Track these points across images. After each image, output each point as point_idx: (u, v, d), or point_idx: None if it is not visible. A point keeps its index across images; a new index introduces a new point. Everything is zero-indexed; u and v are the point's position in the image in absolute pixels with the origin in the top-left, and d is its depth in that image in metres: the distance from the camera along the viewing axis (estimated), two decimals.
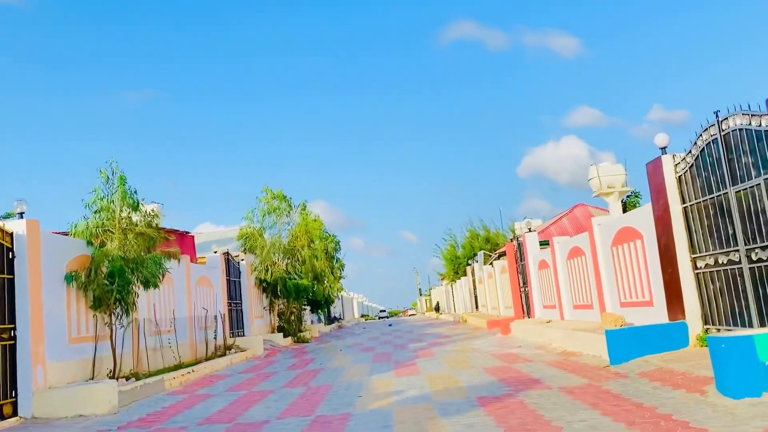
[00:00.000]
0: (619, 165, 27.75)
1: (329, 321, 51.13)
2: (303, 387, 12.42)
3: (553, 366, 11.68)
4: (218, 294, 21.62)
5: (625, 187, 27.46)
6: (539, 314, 21.80)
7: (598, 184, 27.22)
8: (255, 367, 17.48)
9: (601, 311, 14.71)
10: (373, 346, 23.26)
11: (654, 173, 11.06)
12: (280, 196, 29.94)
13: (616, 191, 27.09)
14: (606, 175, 27.26)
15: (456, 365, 13.61)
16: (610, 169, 27.43)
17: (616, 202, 27.24)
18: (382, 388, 11.16)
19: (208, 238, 33.27)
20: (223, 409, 10.38)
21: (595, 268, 14.90)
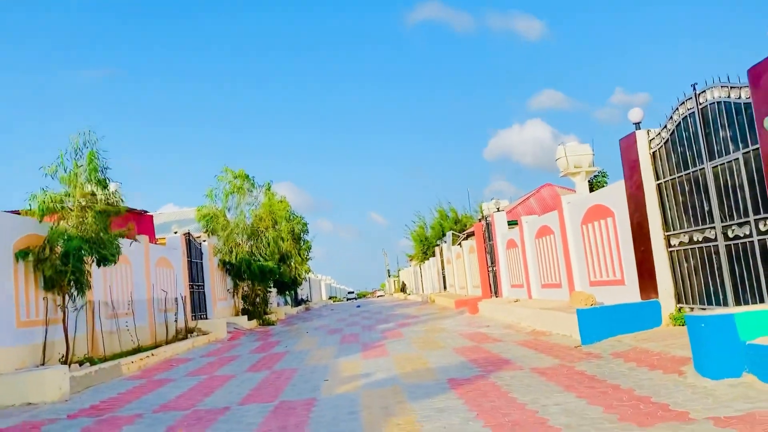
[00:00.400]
0: (586, 145, 27.70)
1: (296, 303, 50.62)
2: (267, 371, 11.98)
3: (523, 346, 11.44)
4: (179, 276, 20.94)
5: (592, 166, 27.44)
6: (507, 293, 21.67)
7: (565, 163, 27.13)
8: (217, 351, 16.95)
9: (570, 290, 14.53)
10: (340, 327, 22.89)
11: (627, 149, 10.80)
12: (242, 176, 29.16)
13: (583, 171, 27.05)
14: (573, 154, 27.17)
15: (425, 346, 13.31)
16: (577, 149, 27.35)
17: (583, 182, 27.21)
18: (349, 371, 10.78)
19: (169, 218, 32.34)
20: (181, 395, 9.88)
21: (564, 246, 14.70)
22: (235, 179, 28.97)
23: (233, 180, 28.94)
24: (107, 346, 14.00)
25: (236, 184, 28.93)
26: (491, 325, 16.47)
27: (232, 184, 28.81)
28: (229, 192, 28.84)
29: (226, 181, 28.88)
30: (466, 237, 35.11)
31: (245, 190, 29.03)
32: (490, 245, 23.85)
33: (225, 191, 28.78)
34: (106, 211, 12.67)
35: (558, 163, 27.63)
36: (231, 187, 28.83)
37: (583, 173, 26.99)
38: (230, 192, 28.83)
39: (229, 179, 28.90)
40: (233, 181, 28.90)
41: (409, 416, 6.73)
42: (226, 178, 28.96)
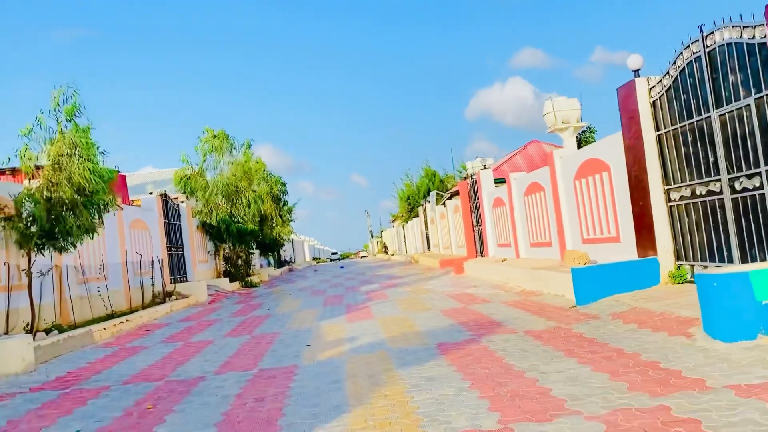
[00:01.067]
0: (574, 99, 27.01)
1: (279, 264, 50.10)
2: (247, 336, 11.42)
3: (513, 307, 10.97)
4: (155, 238, 20.20)
5: (580, 122, 26.81)
6: (493, 253, 21.23)
7: (552, 119, 26.46)
8: (196, 315, 16.37)
9: (561, 249, 14.06)
10: (323, 289, 22.39)
11: (626, 98, 10.17)
12: (222, 136, 28.26)
13: (571, 126, 26.42)
14: (561, 109, 26.50)
15: (411, 307, 12.82)
16: (565, 104, 26.68)
17: (571, 138, 26.61)
18: (332, 335, 10.25)
19: (146, 179, 31.39)
20: (154, 364, 9.30)
21: (556, 203, 14.16)
22: (215, 139, 28.07)
23: (212, 140, 28.04)
24: (78, 313, 13.35)
25: (215, 143, 28.03)
26: (478, 285, 16.02)
27: (210, 143, 27.91)
28: (207, 151, 27.96)
29: (206, 141, 27.99)
30: (450, 196, 34.57)
31: (224, 150, 28.15)
32: (475, 204, 23.32)
33: (203, 150, 27.89)
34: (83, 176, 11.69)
35: (545, 119, 26.97)
36: (209, 146, 27.93)
37: (571, 129, 26.37)
38: (208, 151, 27.95)
39: (209, 138, 28.01)
40: (212, 141, 27.99)
41: (398, 386, 6.20)
42: (206, 138, 28.08)
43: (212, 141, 27.89)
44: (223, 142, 28.08)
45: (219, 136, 28.07)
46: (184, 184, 26.66)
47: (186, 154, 27.45)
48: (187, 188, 26.78)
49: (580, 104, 27.07)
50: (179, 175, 26.92)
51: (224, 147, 28.14)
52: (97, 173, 11.53)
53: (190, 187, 26.88)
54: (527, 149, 28.99)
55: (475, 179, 22.84)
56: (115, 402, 6.95)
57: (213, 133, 28.04)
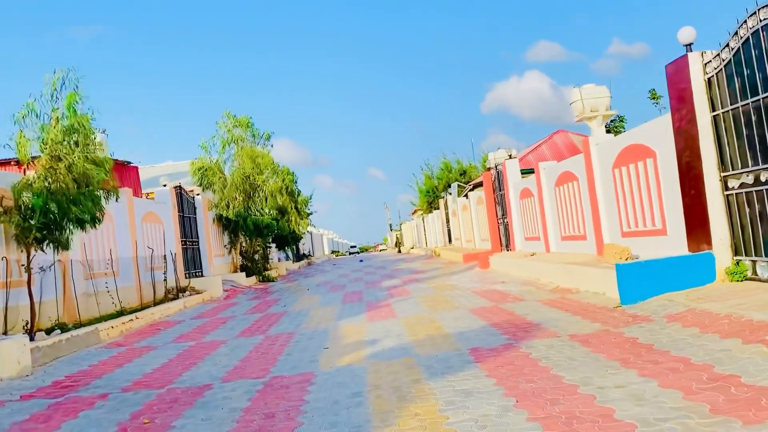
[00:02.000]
0: (603, 87, 25.85)
1: (298, 258, 49.47)
2: (260, 336, 10.65)
3: (550, 306, 10.06)
4: (169, 231, 19.53)
5: (609, 110, 25.71)
6: (520, 247, 20.27)
7: (580, 107, 25.35)
8: (210, 312, 15.66)
9: (597, 242, 13.09)
10: (343, 284, 21.61)
11: (676, 76, 9.17)
12: (244, 123, 27.39)
13: (600, 115, 25.29)
14: (589, 97, 25.37)
15: (436, 306, 11.96)
16: (594, 91, 25.53)
17: (600, 127, 25.48)
18: (352, 337, 9.43)
19: (163, 171, 30.79)
20: (160, 368, 8.56)
21: (591, 194, 13.18)
22: (235, 128, 27.26)
23: (233, 129, 27.26)
24: (84, 311, 12.67)
25: (235, 134, 27.27)
26: (507, 281, 15.11)
27: (230, 132, 27.15)
28: (226, 141, 27.21)
29: (225, 128, 27.18)
30: (473, 188, 33.56)
31: (245, 140, 27.37)
32: (500, 195, 22.35)
33: (222, 141, 27.15)
34: (85, 165, 10.94)
35: (573, 107, 25.86)
36: (229, 136, 27.18)
37: (600, 117, 25.25)
38: (228, 142, 27.21)
39: (229, 126, 27.17)
40: (232, 131, 27.23)
41: (429, 402, 5.35)
42: (225, 125, 27.23)
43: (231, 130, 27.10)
44: (245, 130, 27.27)
45: (241, 123, 27.26)
46: (201, 176, 25.98)
47: (206, 142, 26.72)
48: (204, 180, 26.10)
49: (610, 92, 25.96)
50: (196, 165, 26.22)
51: (245, 137, 27.36)
52: (98, 162, 10.78)
53: (207, 179, 26.20)
54: (553, 139, 27.91)
55: (500, 169, 21.86)
56: (110, 414, 6.20)
57: (235, 120, 27.21)
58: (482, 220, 26.93)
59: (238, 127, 27.19)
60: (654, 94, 26.05)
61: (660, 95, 25.76)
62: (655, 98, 25.93)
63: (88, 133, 10.98)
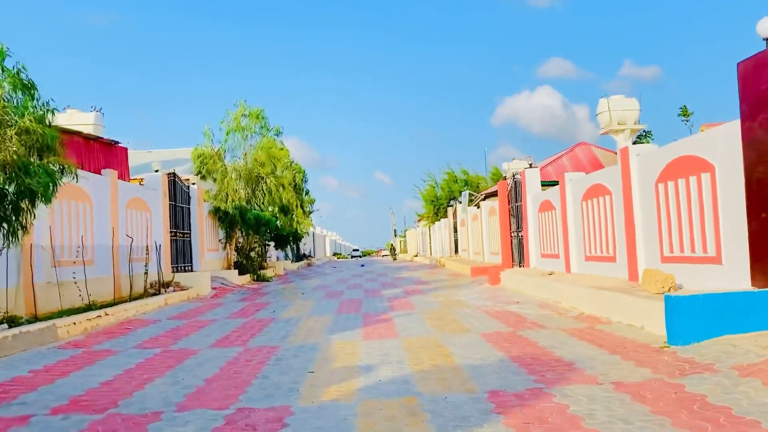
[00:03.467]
0: (633, 99, 24.41)
1: (298, 258, 48.04)
2: (239, 348, 9.17)
3: (579, 338, 8.54)
4: (157, 221, 18.09)
5: (637, 124, 24.24)
6: (535, 264, 18.74)
7: (607, 119, 23.88)
8: (192, 312, 14.19)
9: (630, 266, 11.57)
10: (340, 290, 20.11)
11: (752, 75, 7.67)
12: (255, 115, 26.04)
13: (628, 129, 23.83)
14: (617, 108, 23.92)
15: (443, 326, 10.45)
16: (623, 103, 24.08)
17: (626, 142, 24.00)
18: (343, 359, 7.93)
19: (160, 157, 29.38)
20: (110, 381, 7.09)
21: (627, 211, 11.66)
22: (243, 117, 25.92)
23: (240, 118, 25.92)
24: (45, 303, 11.23)
25: (241, 123, 25.93)
26: (521, 301, 13.59)
27: (236, 120, 25.79)
28: (231, 130, 25.83)
29: (233, 117, 25.86)
30: (485, 197, 32.06)
31: (252, 130, 26.01)
32: (516, 207, 20.84)
33: (227, 128, 25.79)
34: (34, 132, 9.41)
35: (599, 119, 24.39)
36: (234, 124, 25.81)
37: (628, 131, 23.78)
38: (232, 130, 25.83)
39: (237, 116, 25.84)
40: (239, 120, 25.88)
41: None
42: (234, 114, 25.91)
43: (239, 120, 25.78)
44: (255, 121, 25.94)
45: (252, 115, 25.94)
46: (200, 164, 24.59)
47: (210, 129, 25.39)
48: (203, 168, 24.72)
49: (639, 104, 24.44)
50: (197, 152, 24.85)
51: (252, 128, 26.00)
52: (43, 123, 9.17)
53: (206, 168, 24.81)
54: (575, 151, 26.41)
55: (518, 179, 20.35)
56: None
57: (245, 110, 25.89)
58: (494, 232, 25.41)
59: (246, 118, 25.82)
60: (685, 111, 24.56)
61: (691, 112, 24.26)
62: (686, 115, 24.43)
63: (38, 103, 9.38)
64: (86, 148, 14.40)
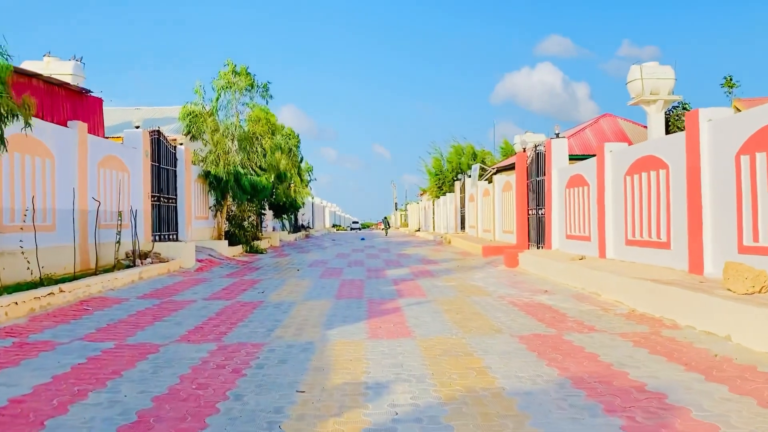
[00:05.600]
0: (668, 67, 22.23)
1: (295, 229, 46.11)
2: (212, 345, 7.25)
3: (649, 349, 6.59)
4: (136, 183, 16.08)
5: (671, 94, 22.10)
6: (558, 245, 16.80)
7: (639, 87, 21.69)
8: (167, 289, 12.28)
9: (691, 255, 9.60)
10: (340, 267, 18.19)
11: None
12: (243, 73, 23.95)
13: (661, 99, 21.64)
14: (651, 77, 21.72)
15: (465, 322, 8.53)
16: (657, 71, 21.85)
17: (659, 113, 21.86)
18: (344, 371, 6.00)
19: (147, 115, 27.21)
20: (23, 398, 5.18)
21: (692, 188, 9.64)
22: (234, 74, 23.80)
23: (231, 75, 23.79)
24: None
25: (233, 80, 23.80)
26: (550, 290, 11.68)
27: (226, 78, 23.65)
28: (222, 87, 23.69)
29: (223, 76, 23.77)
30: (497, 171, 30.01)
31: (242, 87, 23.89)
32: (536, 182, 18.83)
33: (218, 86, 23.66)
34: None
35: (629, 88, 22.21)
36: (225, 82, 23.66)
37: (660, 102, 21.60)
38: (223, 87, 23.68)
39: (227, 74, 23.77)
40: (229, 76, 23.74)
41: None
42: (224, 73, 23.84)
43: (229, 77, 23.64)
44: (243, 78, 23.82)
45: (241, 72, 23.81)
46: (190, 123, 22.49)
47: (201, 85, 23.27)
48: (193, 127, 22.61)
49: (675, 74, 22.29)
50: (186, 110, 22.73)
51: (243, 85, 23.87)
52: None
53: (197, 126, 22.71)
54: (599, 123, 24.29)
55: (541, 150, 18.30)
56: None
57: (234, 68, 23.76)
58: (508, 209, 23.42)
59: (236, 75, 23.69)
60: (729, 81, 22.43)
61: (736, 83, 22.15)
62: (730, 86, 22.29)
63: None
64: (49, 95, 12.34)
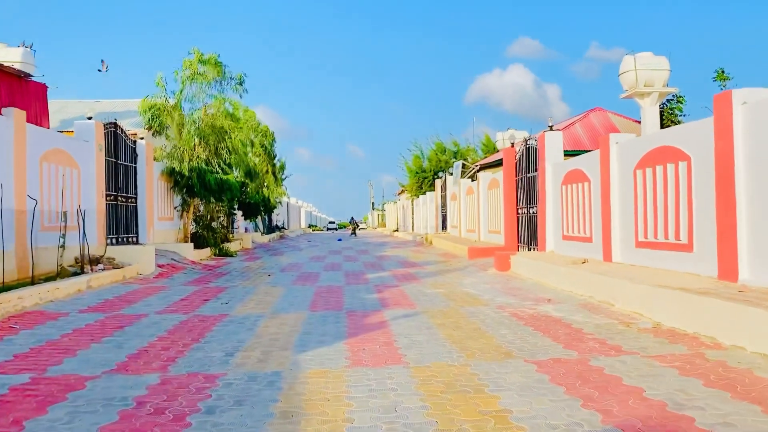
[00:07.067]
0: (662, 58, 21.13)
1: (269, 230, 44.45)
2: (153, 378, 5.76)
3: (702, 379, 5.28)
4: (88, 180, 14.44)
5: (666, 86, 21.03)
6: (553, 247, 15.53)
7: (633, 79, 20.53)
8: (117, 301, 10.71)
9: (722, 259, 8.34)
10: (316, 272, 16.72)
11: None
12: (212, 62, 22.17)
13: (655, 92, 20.51)
14: (645, 68, 20.54)
15: (466, 341, 7.14)
16: (651, 62, 20.70)
17: (653, 107, 20.72)
18: (319, 420, 4.57)
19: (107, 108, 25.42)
20: None
21: (723, 182, 8.37)
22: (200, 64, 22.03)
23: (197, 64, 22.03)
24: None
25: (198, 70, 22.07)
26: (553, 298, 10.37)
27: (192, 68, 21.93)
28: (188, 78, 21.96)
29: (189, 66, 22.00)
30: (481, 168, 28.77)
31: (210, 78, 22.16)
32: (527, 178, 17.55)
33: (183, 77, 21.93)
34: None
35: (622, 79, 21.05)
36: (190, 72, 21.94)
37: (655, 95, 20.46)
38: (189, 78, 21.95)
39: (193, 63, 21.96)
40: (195, 66, 22.01)
41: None
42: (190, 62, 22.05)
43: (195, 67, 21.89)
44: (212, 68, 22.05)
45: (208, 62, 22.02)
46: (152, 117, 20.81)
47: (163, 78, 21.51)
48: (155, 122, 20.95)
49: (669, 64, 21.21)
50: (148, 104, 21.03)
51: (212, 76, 22.12)
52: None
53: (159, 121, 21.04)
54: (589, 117, 23.17)
55: (532, 145, 17.03)
56: None
57: (201, 56, 21.99)
58: (494, 208, 22.15)
59: (203, 65, 21.94)
60: (721, 75, 21.42)
61: (729, 76, 21.13)
62: (722, 79, 21.28)
63: None
64: None
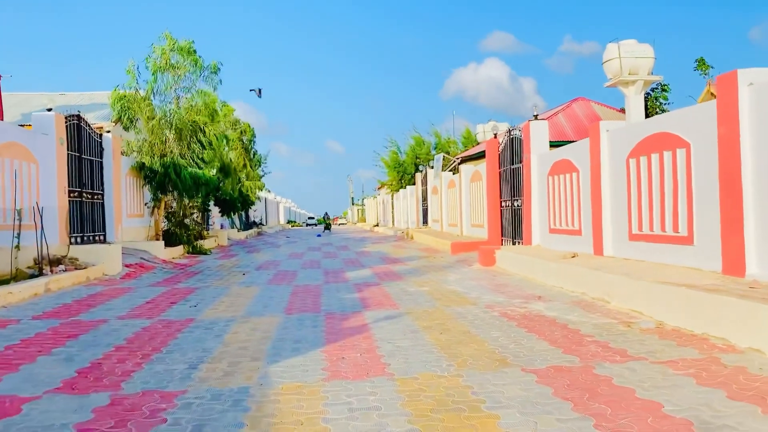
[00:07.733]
0: (647, 45, 20.64)
1: (247, 226, 43.52)
2: (103, 397, 5.03)
3: (728, 392, 4.70)
4: (47, 175, 13.55)
5: (651, 75, 20.55)
6: (539, 241, 14.98)
7: (617, 67, 19.97)
8: (76, 305, 9.91)
9: (727, 253, 7.79)
10: (293, 270, 16.00)
11: None
12: (186, 50, 21.13)
13: (640, 80, 19.98)
14: (629, 56, 19.99)
15: (455, 347, 6.50)
16: (636, 49, 20.17)
17: (637, 96, 20.19)
18: None
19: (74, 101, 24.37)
20: None
21: (727, 170, 7.82)
22: (172, 52, 21.02)
23: (169, 53, 21.02)
24: None
25: (171, 60, 21.08)
26: (543, 295, 9.79)
27: (164, 57, 20.95)
28: (159, 68, 20.97)
29: (161, 53, 20.93)
30: (463, 161, 28.21)
31: (184, 68, 21.18)
32: (511, 170, 16.99)
33: (154, 66, 20.93)
34: None
35: (606, 67, 20.49)
36: (162, 61, 20.95)
37: (640, 83, 19.93)
38: (160, 68, 20.98)
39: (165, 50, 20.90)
40: (168, 55, 21.02)
41: None
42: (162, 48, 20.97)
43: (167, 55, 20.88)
44: (186, 57, 21.05)
45: (182, 49, 21.00)
46: (122, 109, 19.87)
47: (134, 66, 20.46)
48: (125, 115, 20.01)
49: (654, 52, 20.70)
50: (118, 95, 20.05)
51: (184, 65, 21.14)
52: None
53: (129, 114, 20.11)
54: (572, 107, 22.67)
55: (517, 135, 16.45)
56: None
57: (174, 44, 20.97)
58: (477, 201, 21.57)
59: (176, 53, 20.98)
60: (702, 64, 21.09)
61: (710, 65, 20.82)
62: (704, 68, 20.94)
63: None
64: None
